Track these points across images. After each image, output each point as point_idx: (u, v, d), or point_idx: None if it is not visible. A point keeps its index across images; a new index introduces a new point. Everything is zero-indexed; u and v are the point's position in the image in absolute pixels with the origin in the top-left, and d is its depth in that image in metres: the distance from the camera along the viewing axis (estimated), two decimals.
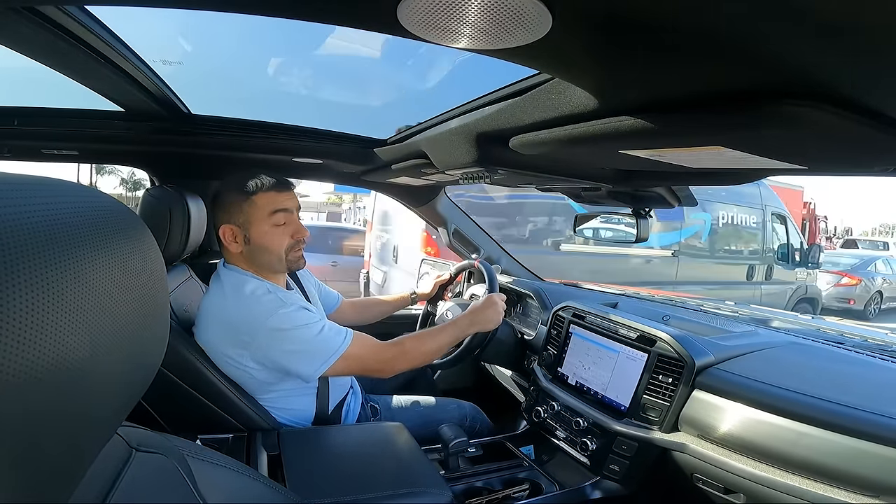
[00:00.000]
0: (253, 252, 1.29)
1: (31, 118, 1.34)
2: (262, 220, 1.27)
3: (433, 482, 1.07)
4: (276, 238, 1.28)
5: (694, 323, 1.54)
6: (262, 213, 1.27)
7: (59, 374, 0.27)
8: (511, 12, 0.48)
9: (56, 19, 0.73)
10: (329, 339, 1.25)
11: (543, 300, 1.90)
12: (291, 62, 6.43)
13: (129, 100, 1.18)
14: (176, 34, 1.83)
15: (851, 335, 1.57)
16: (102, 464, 0.40)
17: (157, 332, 0.40)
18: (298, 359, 1.22)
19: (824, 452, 0.95)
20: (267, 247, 1.28)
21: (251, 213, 1.26)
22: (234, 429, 1.24)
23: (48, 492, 0.29)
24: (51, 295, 0.27)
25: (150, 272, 0.38)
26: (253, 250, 1.28)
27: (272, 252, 1.28)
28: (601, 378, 1.41)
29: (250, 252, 1.29)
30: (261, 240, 1.27)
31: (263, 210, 1.27)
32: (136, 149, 1.65)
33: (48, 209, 0.29)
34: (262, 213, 1.27)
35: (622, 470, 1.27)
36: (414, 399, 1.66)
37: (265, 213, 1.27)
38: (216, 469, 0.56)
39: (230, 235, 1.28)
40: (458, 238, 2.35)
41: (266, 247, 1.28)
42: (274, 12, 0.56)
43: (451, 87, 1.74)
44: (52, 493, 0.29)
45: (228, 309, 1.25)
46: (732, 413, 1.11)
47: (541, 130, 0.92)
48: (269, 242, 1.28)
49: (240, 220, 1.27)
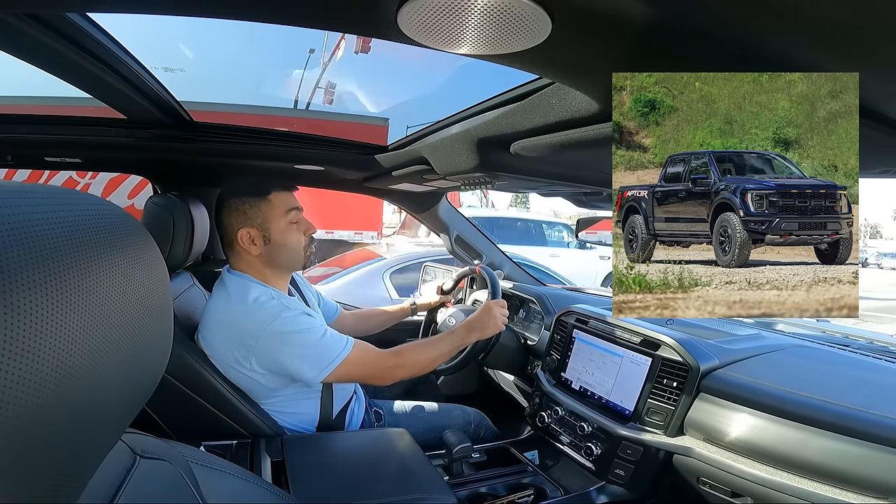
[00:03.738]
0: (273, 252, 1.32)
1: (34, 126, 1.34)
2: (280, 217, 1.31)
3: (437, 488, 1.06)
4: (294, 235, 1.33)
5: (697, 326, 1.54)
6: (280, 212, 1.31)
7: (62, 380, 0.27)
8: (511, 17, 0.48)
9: (58, 26, 0.74)
10: (331, 344, 1.26)
11: (546, 305, 1.89)
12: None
13: (131, 107, 1.18)
14: (177, 41, 1.84)
15: (857, 337, 1.56)
16: (106, 470, 0.40)
17: (160, 339, 0.40)
18: (302, 362, 1.23)
19: (831, 455, 0.95)
20: (287, 243, 1.32)
21: (269, 213, 1.31)
22: (237, 435, 1.24)
23: (51, 497, 0.29)
24: (55, 302, 0.27)
25: (154, 280, 0.38)
26: (273, 250, 1.32)
27: (292, 248, 1.33)
28: (605, 383, 1.41)
29: (270, 252, 1.32)
30: (282, 237, 1.31)
31: (280, 208, 1.32)
32: (138, 156, 1.66)
33: (52, 217, 0.29)
34: (279, 212, 1.31)
35: (627, 474, 1.26)
36: (418, 405, 1.65)
37: (282, 211, 1.32)
38: (220, 475, 0.56)
39: (248, 238, 1.30)
40: (460, 244, 2.35)
41: (286, 243, 1.32)
42: (274, 20, 0.56)
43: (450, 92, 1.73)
44: (56, 498, 0.29)
45: (233, 313, 1.25)
46: (738, 417, 1.10)
47: (542, 135, 0.92)
48: (289, 239, 1.32)
49: (258, 220, 1.30)
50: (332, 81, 2.26)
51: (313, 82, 2.73)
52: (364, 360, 1.31)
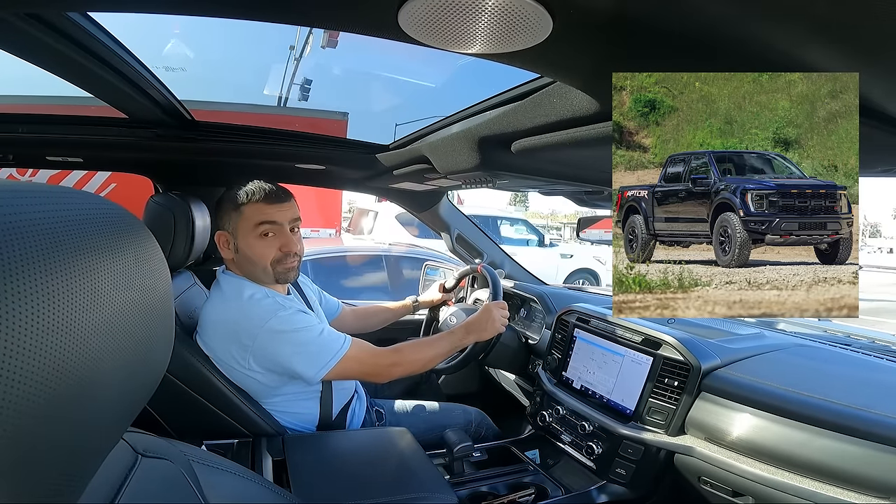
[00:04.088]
0: (240, 261, 1.31)
1: (36, 125, 1.35)
2: (248, 230, 1.28)
3: (438, 487, 1.07)
4: (259, 249, 1.28)
5: (699, 326, 1.54)
6: (249, 224, 1.28)
7: (64, 379, 0.27)
8: (512, 16, 0.48)
9: (60, 26, 0.74)
10: (329, 342, 1.26)
11: (547, 304, 1.89)
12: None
13: (132, 107, 1.18)
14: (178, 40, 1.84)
15: (859, 337, 1.56)
16: (108, 469, 0.41)
17: (162, 338, 0.40)
18: (300, 360, 1.23)
19: (833, 455, 0.95)
20: (250, 257, 1.29)
21: (238, 223, 1.28)
22: (239, 434, 1.25)
23: (53, 496, 0.29)
24: (57, 300, 0.27)
25: (155, 278, 0.38)
26: (240, 259, 1.31)
27: (256, 263, 1.29)
28: (606, 382, 1.41)
29: (239, 260, 1.31)
30: (246, 250, 1.28)
31: (250, 221, 1.27)
32: (140, 156, 1.66)
33: (53, 216, 0.29)
34: (248, 224, 1.28)
35: (628, 474, 1.26)
36: (419, 404, 1.66)
37: (251, 224, 1.27)
38: (221, 474, 0.56)
39: (224, 241, 1.32)
40: (461, 243, 2.35)
41: (250, 257, 1.29)
42: (274, 18, 0.56)
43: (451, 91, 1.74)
44: (58, 497, 0.29)
45: (228, 312, 1.26)
46: (739, 416, 1.10)
47: (543, 134, 0.92)
48: (252, 253, 1.28)
49: (230, 228, 1.30)
50: (308, 78, 2.27)
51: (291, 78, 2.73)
52: (362, 358, 1.31)
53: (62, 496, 0.30)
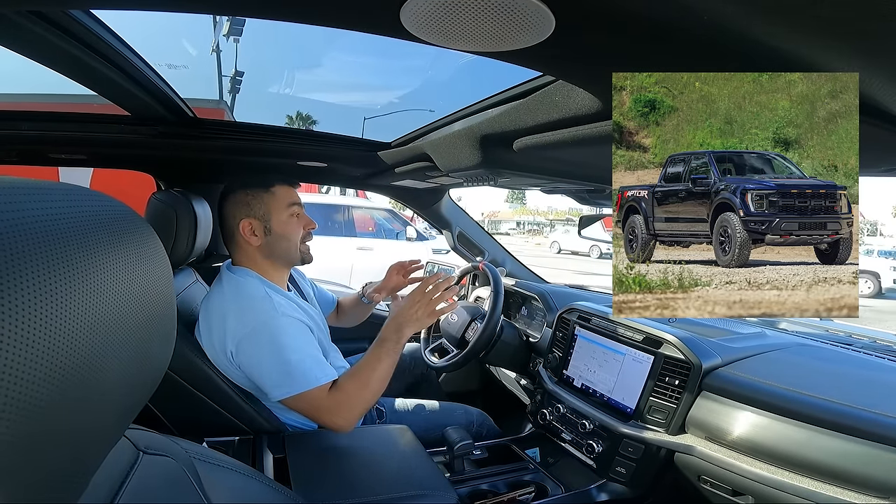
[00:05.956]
0: (272, 243, 1.34)
1: (39, 122, 1.35)
2: (282, 209, 1.35)
3: (438, 485, 1.07)
4: (291, 227, 1.37)
5: (700, 325, 1.54)
6: (282, 204, 1.36)
7: (66, 377, 0.27)
8: (514, 14, 0.48)
9: (62, 23, 0.74)
10: (303, 371, 1.21)
11: (548, 302, 1.89)
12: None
13: (135, 104, 1.19)
14: (181, 38, 1.84)
15: (860, 336, 1.56)
16: (110, 466, 0.41)
17: (163, 335, 0.40)
18: (268, 374, 1.21)
19: (834, 454, 0.95)
20: (287, 235, 1.35)
21: (272, 204, 1.34)
22: (240, 431, 1.25)
23: (54, 494, 0.29)
24: (58, 297, 0.27)
25: (157, 275, 0.38)
26: (272, 241, 1.34)
27: (290, 240, 1.36)
28: (607, 380, 1.41)
29: (269, 243, 1.34)
30: (282, 229, 1.35)
31: (283, 201, 1.36)
32: (142, 153, 1.66)
33: (56, 212, 0.29)
34: (281, 204, 1.36)
35: (628, 472, 1.26)
36: (420, 403, 1.66)
37: (284, 203, 1.36)
38: (222, 471, 0.56)
39: (249, 229, 1.33)
40: (462, 241, 2.35)
41: (286, 235, 1.35)
42: (275, 16, 0.56)
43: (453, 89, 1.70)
44: (59, 494, 0.30)
45: (225, 311, 1.26)
46: (740, 415, 1.10)
47: (545, 132, 0.92)
48: (289, 231, 1.36)
49: (261, 211, 1.33)
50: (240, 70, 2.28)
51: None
52: (315, 404, 1.23)
53: (64, 494, 0.30)
